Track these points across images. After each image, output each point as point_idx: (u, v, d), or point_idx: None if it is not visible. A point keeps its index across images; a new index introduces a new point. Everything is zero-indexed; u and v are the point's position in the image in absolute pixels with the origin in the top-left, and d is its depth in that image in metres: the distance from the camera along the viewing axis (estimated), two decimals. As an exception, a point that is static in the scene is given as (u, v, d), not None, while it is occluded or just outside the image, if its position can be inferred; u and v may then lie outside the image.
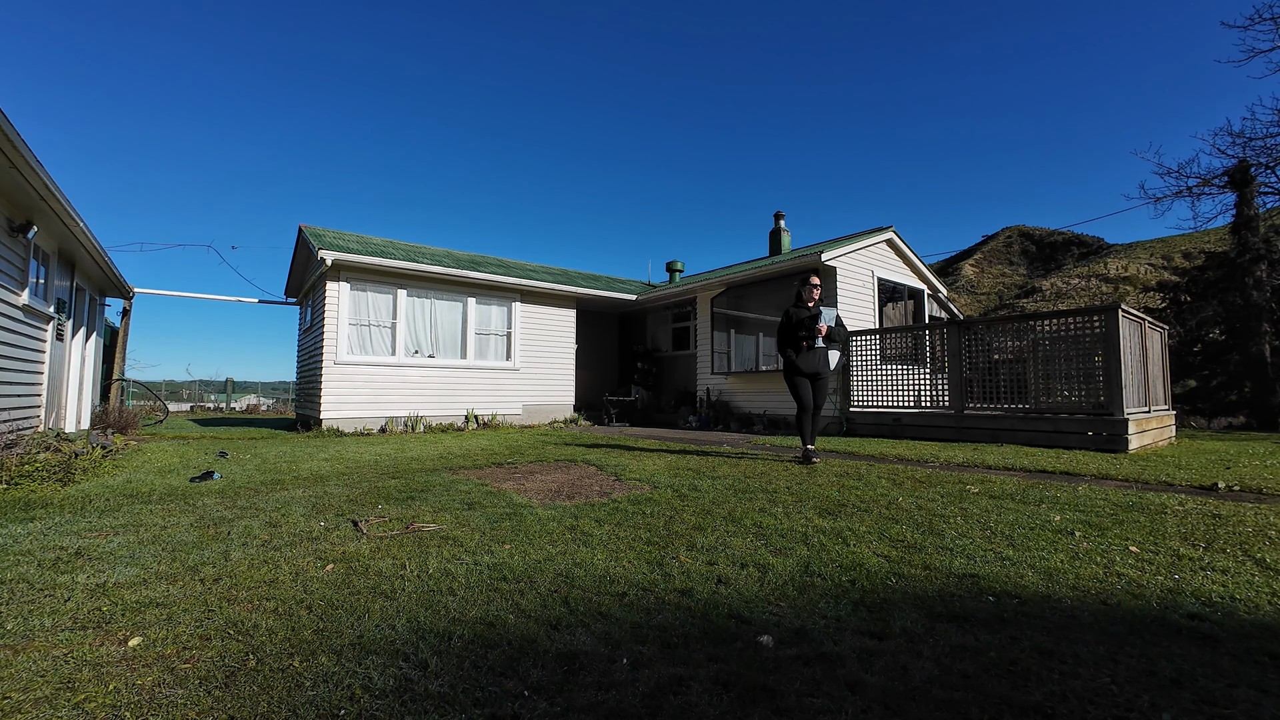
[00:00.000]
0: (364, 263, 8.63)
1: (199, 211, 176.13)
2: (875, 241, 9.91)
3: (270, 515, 2.96)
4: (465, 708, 1.19)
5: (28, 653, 1.44)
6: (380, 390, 8.88)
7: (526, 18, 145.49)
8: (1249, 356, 11.40)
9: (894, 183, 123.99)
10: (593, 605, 1.74)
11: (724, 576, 1.99)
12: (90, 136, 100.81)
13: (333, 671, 1.34)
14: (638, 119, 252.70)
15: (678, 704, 1.20)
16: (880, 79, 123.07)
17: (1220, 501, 3.19)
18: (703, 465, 4.78)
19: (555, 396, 10.88)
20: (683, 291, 11.38)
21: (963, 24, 78.91)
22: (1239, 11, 16.36)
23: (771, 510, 3.02)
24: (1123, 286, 24.60)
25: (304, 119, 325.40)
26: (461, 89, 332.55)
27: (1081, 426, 5.80)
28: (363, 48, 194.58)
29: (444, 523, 2.78)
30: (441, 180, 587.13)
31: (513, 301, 10.44)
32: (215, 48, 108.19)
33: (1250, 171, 11.66)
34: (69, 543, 2.43)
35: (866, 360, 8.06)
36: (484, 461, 5.17)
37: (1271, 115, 11.66)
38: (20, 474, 3.95)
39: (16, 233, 5.39)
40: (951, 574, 2.00)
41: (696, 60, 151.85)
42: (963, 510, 2.98)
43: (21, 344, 5.70)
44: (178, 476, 4.32)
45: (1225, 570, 2.02)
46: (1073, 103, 74.25)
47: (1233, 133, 11.93)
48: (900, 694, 1.24)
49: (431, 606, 1.73)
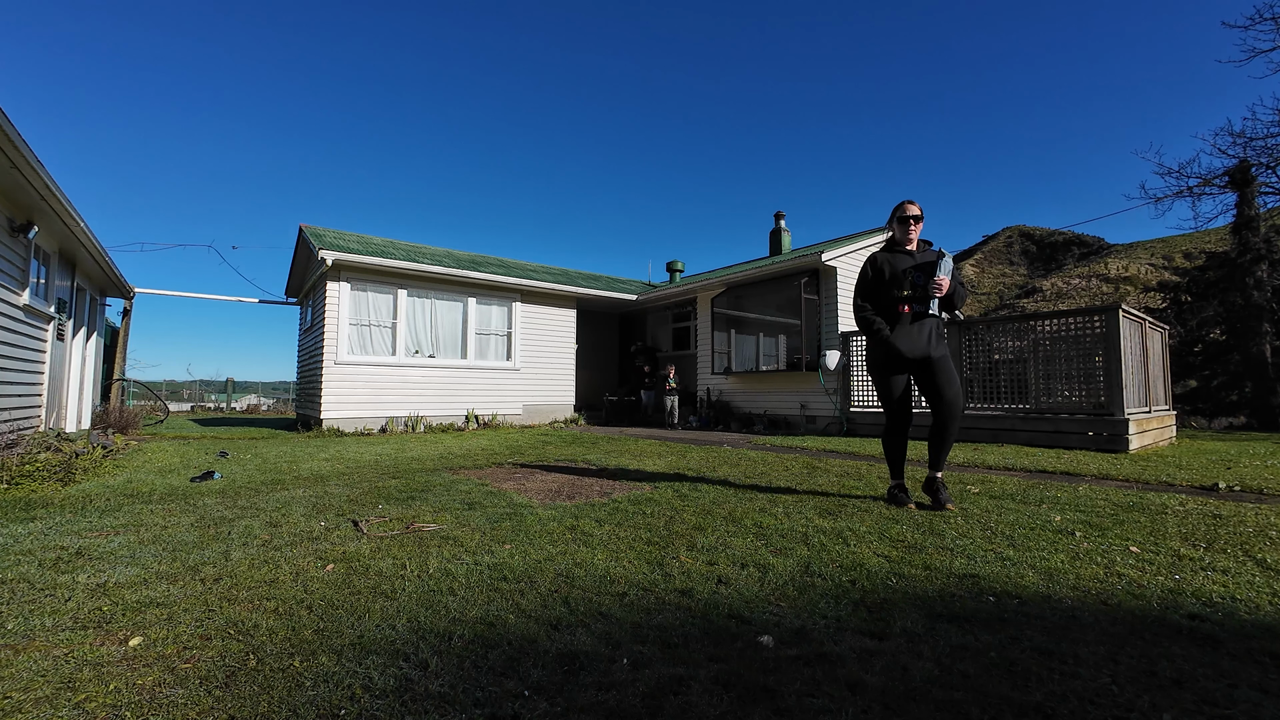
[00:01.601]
0: (364, 263, 8.64)
1: (199, 211, 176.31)
2: (876, 241, 9.90)
3: (271, 515, 2.96)
4: (465, 708, 1.19)
5: (28, 652, 1.44)
6: (380, 390, 8.88)
7: (527, 17, 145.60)
8: (1249, 356, 11.39)
9: (894, 182, 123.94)
10: (593, 605, 1.74)
11: (724, 576, 1.98)
12: (90, 136, 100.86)
13: (333, 671, 1.34)
14: (638, 119, 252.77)
15: (678, 704, 1.20)
16: (880, 79, 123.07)
17: (1221, 502, 3.19)
18: (703, 465, 4.78)
19: (555, 396, 10.88)
20: (683, 291, 11.38)
21: (963, 23, 78.89)
22: (1239, 11, 16.35)
23: (772, 510, 3.02)
24: (1123, 286, 24.59)
25: (305, 119, 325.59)
26: (462, 89, 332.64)
27: (1082, 427, 5.79)
28: (363, 47, 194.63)
29: (444, 523, 2.78)
30: (442, 180, 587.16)
31: (513, 301, 10.44)
32: (216, 47, 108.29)
33: (1251, 171, 11.65)
34: (70, 542, 2.43)
35: (867, 360, 8.05)
36: (484, 461, 5.17)
37: (1272, 115, 11.64)
38: (21, 474, 3.95)
39: (17, 233, 5.40)
40: (952, 574, 1.99)
41: (697, 60, 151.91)
42: (963, 510, 2.98)
43: (22, 344, 5.71)
44: (178, 476, 4.32)
45: (1226, 571, 2.02)
46: (1073, 102, 74.19)
47: (1233, 133, 11.93)
48: (900, 694, 1.24)
49: (432, 606, 1.73)
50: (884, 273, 3.15)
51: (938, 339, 3.10)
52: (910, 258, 3.12)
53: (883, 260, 3.17)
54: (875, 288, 3.18)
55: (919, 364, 3.09)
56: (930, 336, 3.07)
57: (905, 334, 3.07)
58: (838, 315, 8.97)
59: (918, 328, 3.07)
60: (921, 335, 3.06)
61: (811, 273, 9.13)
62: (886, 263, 3.15)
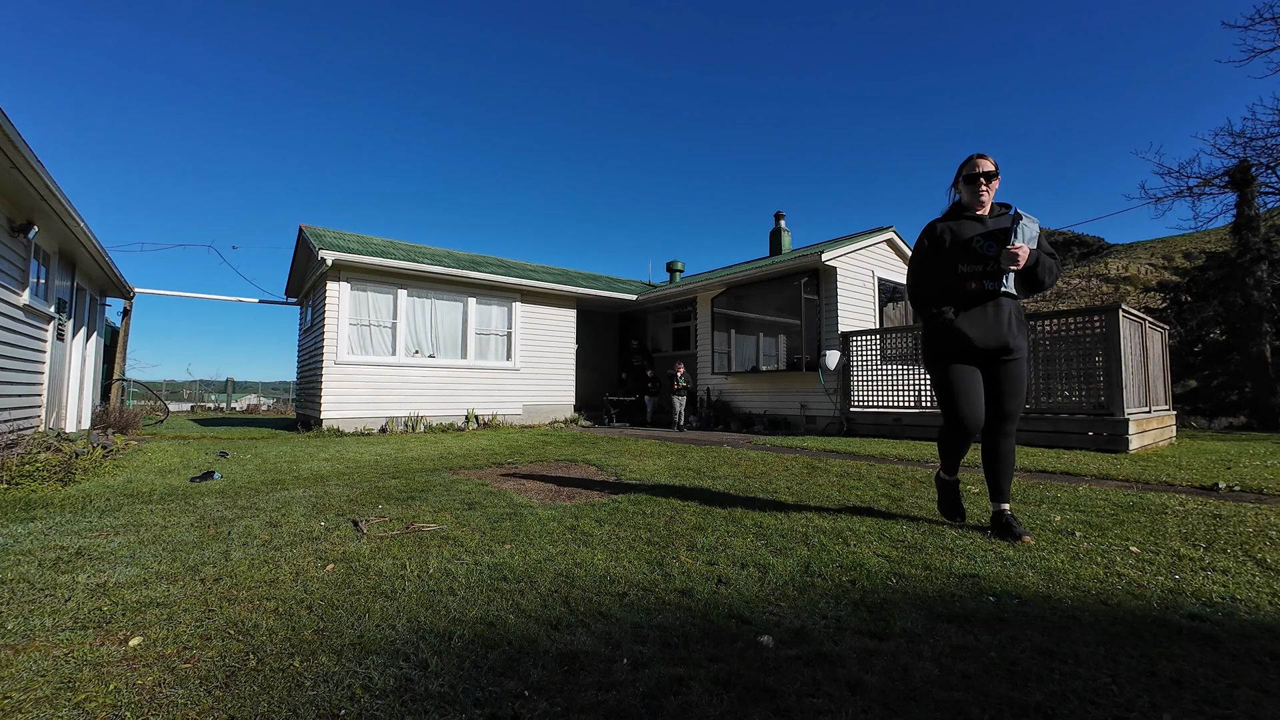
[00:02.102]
0: (364, 263, 8.63)
1: (199, 211, 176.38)
2: (876, 241, 9.91)
3: (271, 515, 2.96)
4: (465, 708, 1.19)
5: (28, 652, 1.44)
6: (380, 390, 8.88)
7: (529, 17, 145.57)
8: (1249, 357, 11.39)
9: (894, 182, 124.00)
10: (593, 605, 1.74)
11: (724, 576, 1.98)
12: (90, 136, 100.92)
13: (333, 671, 1.34)
14: (639, 118, 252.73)
15: (678, 704, 1.20)
16: (881, 79, 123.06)
17: (1221, 502, 3.19)
18: (703, 465, 4.78)
19: (556, 396, 10.88)
20: (683, 291, 11.38)
21: (963, 23, 78.84)
22: (1240, 11, 16.36)
23: (772, 510, 3.02)
24: (1123, 286, 24.59)
25: (305, 118, 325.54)
26: (463, 88, 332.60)
27: (1082, 426, 5.79)
28: (363, 46, 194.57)
29: (444, 523, 2.78)
30: (442, 180, 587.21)
31: (513, 301, 10.44)
32: (216, 46, 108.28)
33: (1251, 171, 11.66)
34: (70, 542, 2.43)
35: (867, 360, 8.05)
36: (484, 461, 5.17)
37: (1272, 115, 11.65)
38: (21, 474, 3.95)
39: (17, 233, 5.39)
40: (952, 574, 1.99)
41: (697, 59, 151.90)
42: (963, 510, 2.97)
43: (22, 344, 5.71)
44: (178, 476, 4.32)
45: (1226, 570, 2.02)
46: (1073, 102, 74.20)
47: (1233, 133, 11.95)
48: (901, 694, 1.24)
49: (432, 606, 1.73)
50: (944, 242, 2.56)
51: (1019, 326, 2.50)
52: (980, 224, 2.53)
53: (943, 229, 2.58)
54: (935, 262, 2.59)
55: (990, 357, 2.51)
56: (1009, 322, 2.48)
57: (976, 318, 2.48)
58: (837, 315, 8.97)
59: (992, 310, 2.48)
60: (999, 320, 2.47)
61: (811, 273, 9.13)
62: (948, 231, 2.56)
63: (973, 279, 2.50)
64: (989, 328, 2.47)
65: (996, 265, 2.46)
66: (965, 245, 2.52)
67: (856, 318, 9.32)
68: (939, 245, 2.59)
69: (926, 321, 2.62)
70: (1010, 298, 2.50)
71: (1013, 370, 2.52)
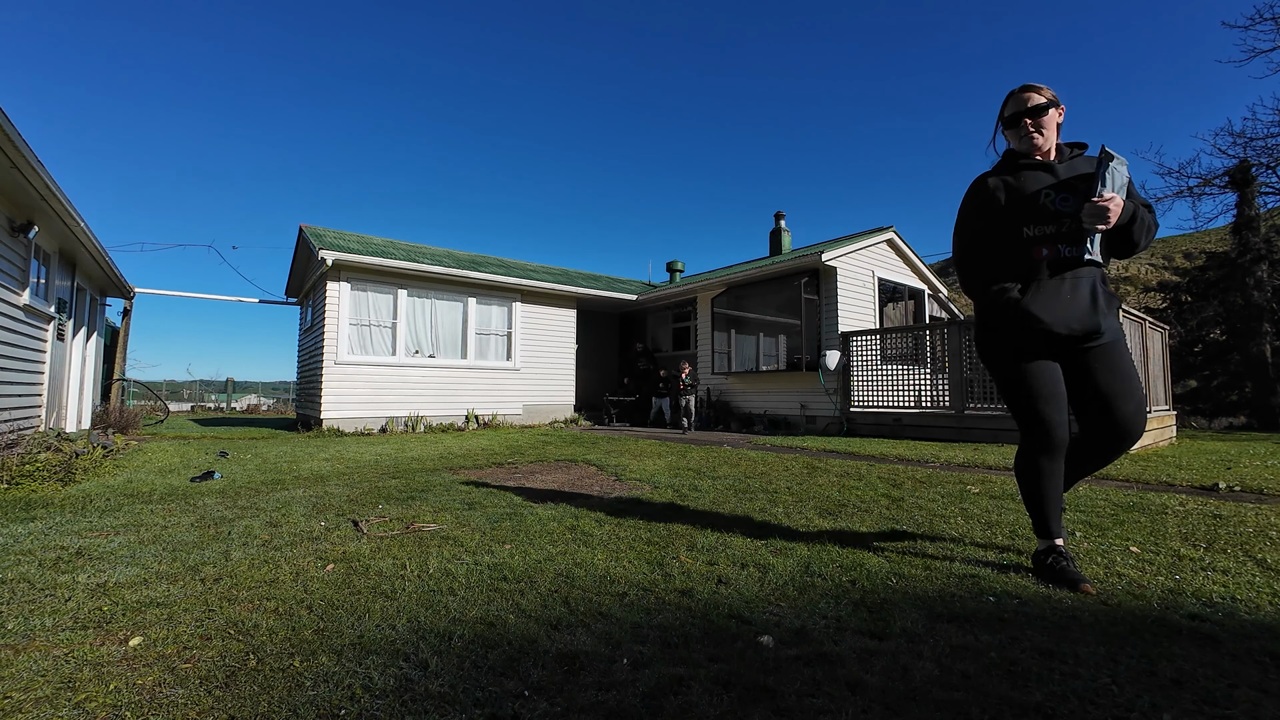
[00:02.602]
0: (364, 263, 8.64)
1: (199, 211, 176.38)
2: (876, 241, 9.91)
3: (271, 515, 2.96)
4: (465, 708, 1.19)
5: (28, 652, 1.44)
6: (380, 390, 8.88)
7: (530, 17, 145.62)
8: (1249, 357, 11.39)
9: (894, 182, 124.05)
10: (593, 605, 1.74)
11: (724, 576, 1.98)
12: (90, 136, 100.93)
13: (333, 671, 1.34)
14: (639, 118, 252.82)
15: (678, 704, 1.20)
16: (881, 78, 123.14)
17: (1221, 502, 3.19)
18: (703, 465, 4.78)
19: (556, 396, 10.88)
20: (683, 291, 11.38)
21: (963, 23, 78.87)
22: (1240, 11, 16.36)
23: (772, 510, 3.02)
24: (1123, 286, 24.58)
25: (305, 118, 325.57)
26: (464, 88, 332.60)
27: (1082, 427, 5.78)
28: (363, 46, 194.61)
29: (444, 523, 2.78)
30: (442, 180, 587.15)
31: (513, 301, 10.44)
32: (216, 46, 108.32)
33: (1251, 171, 11.66)
34: (70, 542, 2.43)
35: (867, 360, 8.05)
36: (484, 461, 5.17)
37: (1272, 115, 11.64)
38: (21, 474, 3.95)
39: (17, 233, 5.39)
40: (952, 574, 1.99)
41: (697, 59, 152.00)
42: (963, 510, 2.98)
43: (22, 344, 5.71)
44: (178, 476, 4.32)
45: (1226, 571, 2.02)
46: (1073, 102, 74.26)
47: (1233, 133, 11.95)
48: (901, 694, 1.24)
49: (432, 606, 1.73)
50: (997, 201, 1.97)
51: (1107, 301, 1.90)
52: (1048, 173, 1.92)
53: (996, 184, 1.99)
54: (987, 228, 2.00)
55: (1071, 345, 1.90)
56: (1095, 297, 1.87)
57: (1050, 295, 1.87)
58: (838, 315, 8.97)
59: (1070, 284, 1.87)
60: (1080, 296, 1.87)
61: (811, 273, 9.13)
62: (1003, 187, 1.97)
63: (1044, 243, 1.89)
64: (1069, 307, 1.85)
65: (1077, 224, 1.85)
66: (1030, 201, 1.91)
67: (856, 318, 9.32)
68: (991, 203, 1.99)
69: (982, 305, 2.00)
70: (1093, 266, 1.89)
71: (1112, 357, 1.89)
